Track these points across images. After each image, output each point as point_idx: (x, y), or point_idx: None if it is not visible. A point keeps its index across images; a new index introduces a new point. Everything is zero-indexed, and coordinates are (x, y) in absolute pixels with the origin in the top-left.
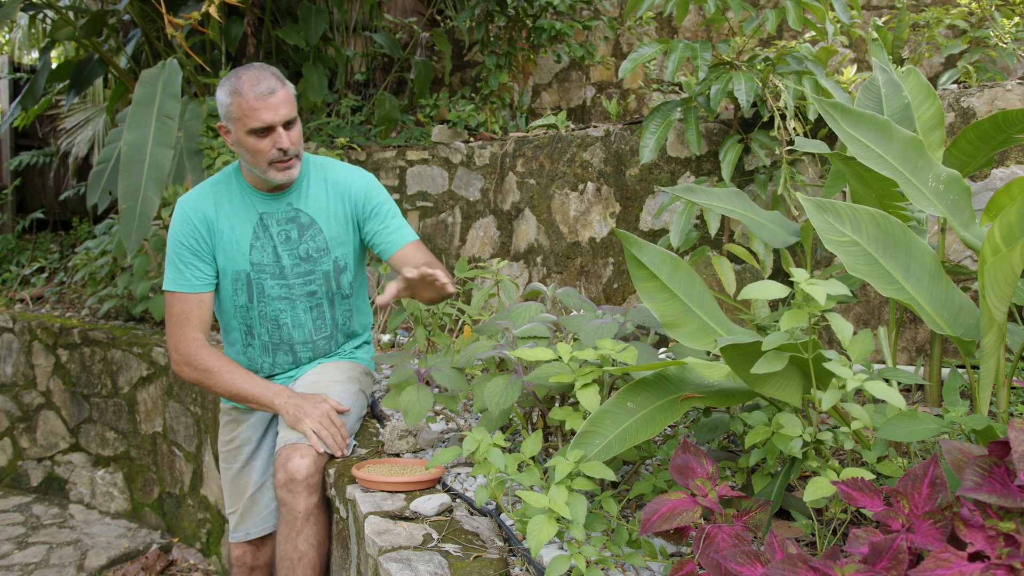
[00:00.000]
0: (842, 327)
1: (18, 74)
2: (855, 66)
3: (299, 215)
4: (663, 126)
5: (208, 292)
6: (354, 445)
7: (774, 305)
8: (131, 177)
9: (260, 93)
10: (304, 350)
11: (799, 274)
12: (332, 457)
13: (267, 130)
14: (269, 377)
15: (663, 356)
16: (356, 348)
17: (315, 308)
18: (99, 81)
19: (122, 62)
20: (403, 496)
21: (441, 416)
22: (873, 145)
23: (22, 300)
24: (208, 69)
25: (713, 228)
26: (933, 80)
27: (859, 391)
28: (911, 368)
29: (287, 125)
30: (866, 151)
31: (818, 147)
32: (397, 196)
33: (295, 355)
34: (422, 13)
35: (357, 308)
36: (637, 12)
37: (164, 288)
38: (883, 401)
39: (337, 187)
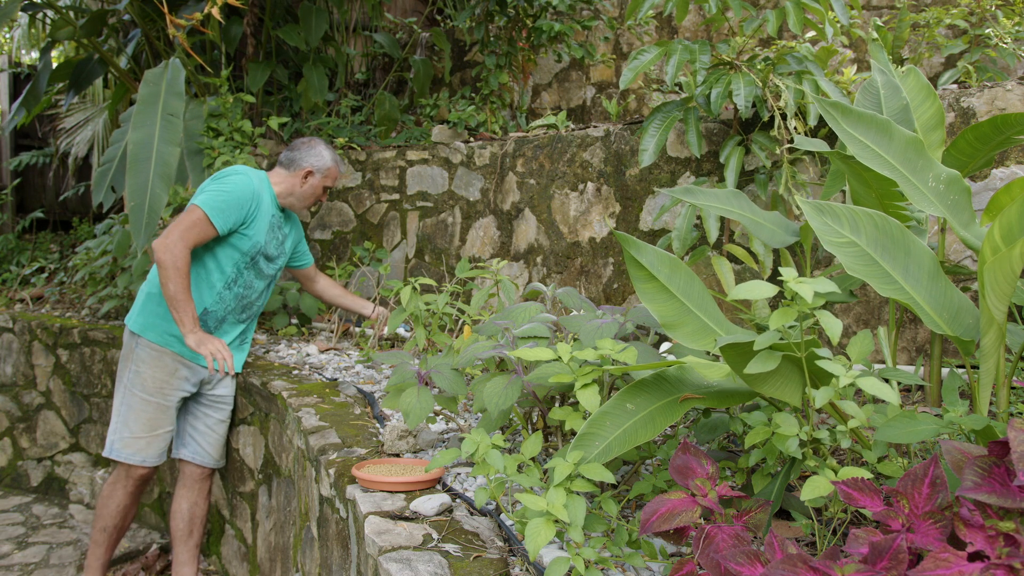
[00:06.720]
0: (831, 324)
1: (18, 68)
2: (855, 66)
3: (283, 224)
4: (663, 129)
5: (218, 238)
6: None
7: (775, 305)
8: (138, 175)
9: (341, 171)
10: (254, 309)
11: (787, 273)
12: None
13: (327, 190)
14: (223, 319)
15: (665, 353)
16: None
17: (268, 287)
18: (99, 81)
19: (122, 62)
20: (403, 496)
21: (441, 416)
22: (873, 145)
23: (22, 300)
24: (209, 69)
25: (712, 231)
26: (933, 80)
27: (860, 391)
28: (911, 368)
29: None
30: (866, 151)
31: (818, 146)
32: (397, 196)
33: (250, 311)
34: (422, 13)
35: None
36: (638, 14)
37: (202, 204)
38: (884, 401)
39: (293, 213)
